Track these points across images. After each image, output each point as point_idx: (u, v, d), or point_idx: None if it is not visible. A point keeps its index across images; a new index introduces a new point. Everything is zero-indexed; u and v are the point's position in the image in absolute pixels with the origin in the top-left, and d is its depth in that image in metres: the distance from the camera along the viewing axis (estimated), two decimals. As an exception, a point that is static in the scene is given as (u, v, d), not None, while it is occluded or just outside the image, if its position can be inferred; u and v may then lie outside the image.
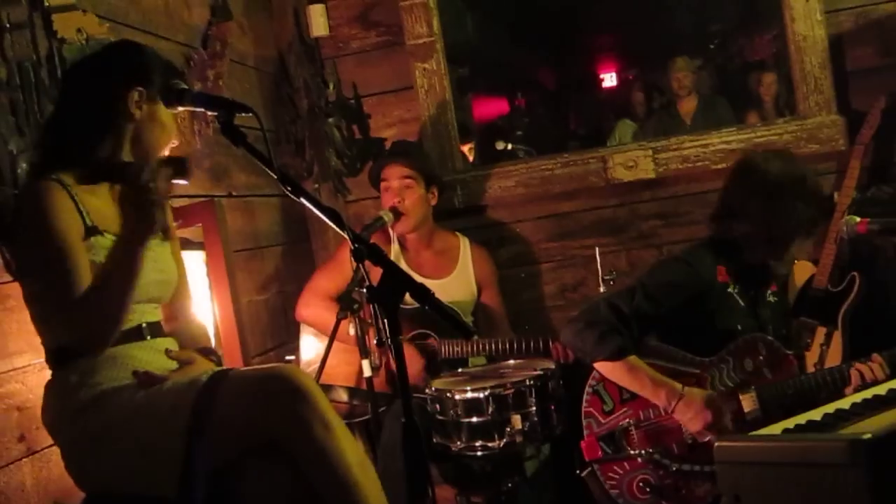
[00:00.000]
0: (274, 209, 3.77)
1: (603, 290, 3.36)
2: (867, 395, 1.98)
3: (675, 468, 2.56)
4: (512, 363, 3.02)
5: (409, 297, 1.81)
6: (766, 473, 1.68)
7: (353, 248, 1.85)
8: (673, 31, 7.74)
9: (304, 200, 1.92)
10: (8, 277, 2.15)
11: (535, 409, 2.66)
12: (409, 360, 3.06)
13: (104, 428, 2.00)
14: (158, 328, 2.22)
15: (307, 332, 3.42)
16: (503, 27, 7.79)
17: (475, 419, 2.66)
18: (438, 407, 2.74)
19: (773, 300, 2.77)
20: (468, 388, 2.70)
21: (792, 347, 2.67)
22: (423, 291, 1.82)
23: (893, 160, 3.54)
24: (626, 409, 2.62)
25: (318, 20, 3.87)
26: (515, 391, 2.66)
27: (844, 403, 1.91)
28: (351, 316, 2.87)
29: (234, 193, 3.40)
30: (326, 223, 1.93)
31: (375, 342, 2.94)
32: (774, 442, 1.74)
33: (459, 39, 5.29)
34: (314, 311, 3.33)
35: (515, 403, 2.66)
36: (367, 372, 2.86)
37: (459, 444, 2.69)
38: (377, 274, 1.82)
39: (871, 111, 3.44)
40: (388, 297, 1.80)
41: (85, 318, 1.98)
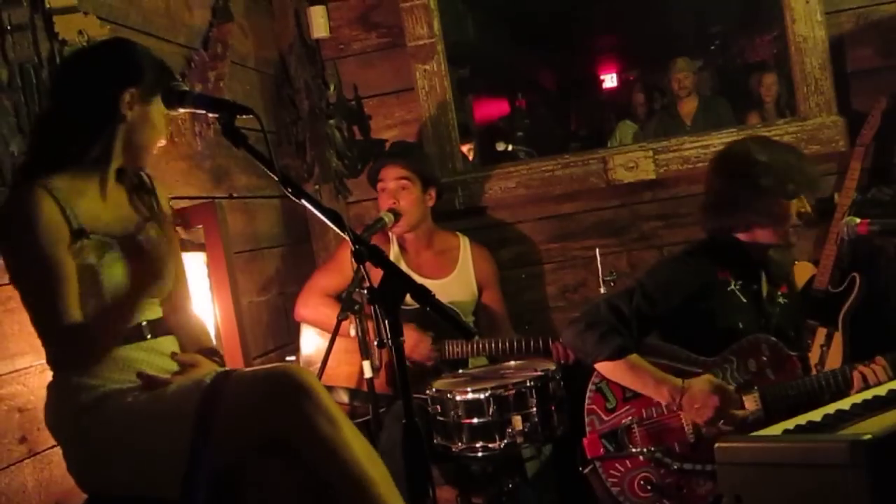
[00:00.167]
0: (275, 210, 3.78)
1: (604, 290, 3.35)
2: (867, 395, 1.98)
3: (676, 467, 2.56)
4: (513, 364, 3.02)
5: (409, 297, 1.81)
6: (766, 474, 1.68)
7: (354, 249, 1.85)
8: (673, 32, 7.75)
9: (304, 202, 1.91)
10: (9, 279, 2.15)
11: (535, 409, 2.66)
12: (415, 343, 3.10)
13: (107, 430, 2.00)
14: (159, 326, 2.20)
15: (307, 327, 3.42)
16: (504, 28, 7.80)
17: (476, 420, 2.67)
18: (439, 408, 2.74)
19: (783, 301, 2.75)
20: (469, 388, 2.70)
21: (797, 349, 2.66)
22: (423, 292, 1.82)
23: (894, 161, 3.54)
24: (628, 406, 2.62)
25: (318, 21, 3.87)
26: (516, 392, 2.66)
27: (844, 404, 1.92)
28: (352, 316, 2.88)
29: (234, 195, 3.40)
30: (327, 224, 1.92)
31: (376, 343, 2.94)
32: (775, 442, 1.75)
33: (460, 41, 5.30)
34: (313, 309, 3.33)
35: (516, 404, 2.66)
36: (367, 373, 2.86)
37: (460, 444, 2.70)
38: (377, 275, 1.82)
39: (871, 112, 3.44)
40: (388, 298, 1.80)
41: (72, 345, 2.00)
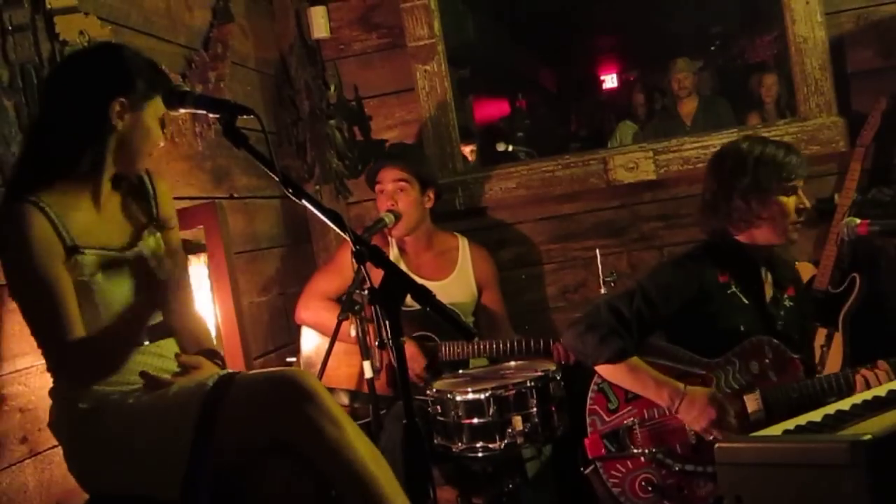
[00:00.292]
0: (275, 211, 3.78)
1: (604, 291, 3.35)
2: (867, 396, 1.98)
3: (678, 468, 2.55)
4: (513, 364, 3.02)
5: (410, 298, 1.82)
6: (766, 474, 1.68)
7: (354, 249, 1.85)
8: (673, 32, 7.75)
9: (305, 202, 1.91)
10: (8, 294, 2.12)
11: (536, 410, 2.66)
12: (410, 358, 3.10)
13: (108, 432, 2.00)
14: (158, 329, 2.19)
15: (307, 328, 3.42)
16: (504, 29, 7.81)
17: (476, 420, 2.66)
18: (439, 408, 2.74)
19: (788, 304, 2.72)
20: (469, 389, 2.70)
21: (801, 352, 2.65)
22: (424, 293, 1.82)
23: (894, 162, 3.55)
24: (630, 407, 2.62)
25: (319, 22, 3.87)
26: (516, 392, 2.66)
27: (845, 405, 1.92)
28: (352, 317, 2.88)
29: (235, 195, 3.41)
30: (328, 225, 1.92)
31: (377, 344, 2.94)
32: (775, 443, 1.75)
33: (460, 41, 5.30)
34: (313, 312, 3.33)
35: (516, 404, 2.66)
36: (368, 373, 2.86)
37: (460, 445, 2.69)
38: (378, 276, 1.82)
39: (871, 113, 3.44)
40: (389, 298, 1.80)
41: (77, 363, 1.99)
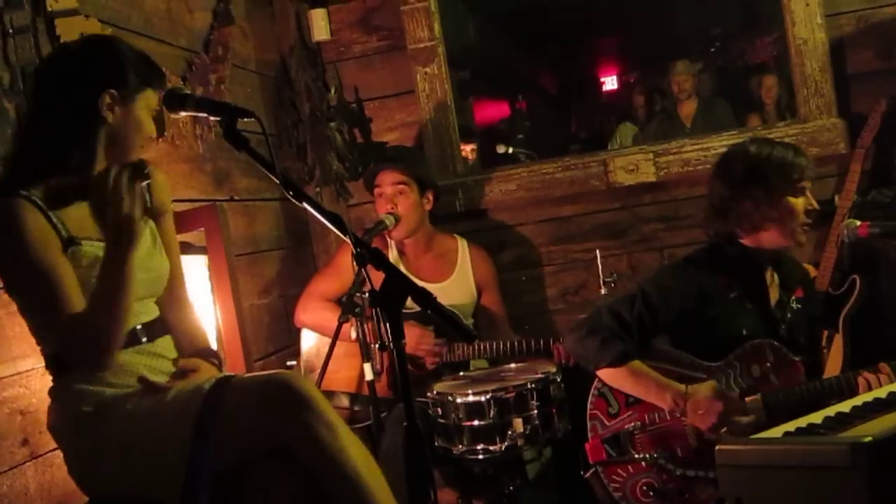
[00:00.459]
0: (275, 213, 3.78)
1: (604, 293, 3.36)
2: (867, 398, 1.98)
3: (679, 472, 2.54)
4: (513, 366, 3.02)
5: (410, 301, 1.82)
6: (767, 476, 1.68)
7: (355, 252, 1.85)
8: (674, 33, 7.75)
9: (306, 204, 1.91)
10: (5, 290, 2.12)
11: (536, 412, 2.66)
12: (417, 335, 3.11)
13: (108, 436, 2.00)
14: (155, 328, 2.17)
15: (308, 330, 3.42)
16: (504, 31, 7.81)
17: (476, 422, 2.66)
18: (440, 410, 2.74)
19: (795, 307, 2.71)
20: (469, 391, 2.70)
21: (806, 354, 2.62)
22: (424, 295, 1.82)
23: (894, 163, 3.55)
24: (631, 412, 2.61)
25: (319, 24, 3.88)
26: (517, 394, 2.66)
27: (845, 406, 1.92)
28: (353, 319, 2.88)
29: (235, 197, 3.41)
30: (328, 227, 1.92)
31: (378, 346, 2.94)
32: (776, 445, 1.75)
33: (461, 43, 5.30)
34: (313, 314, 3.33)
35: (517, 406, 2.66)
36: (368, 375, 2.86)
37: (461, 447, 2.69)
38: (378, 278, 1.82)
39: (871, 115, 3.45)
40: (390, 301, 1.80)
41: (82, 338, 1.95)
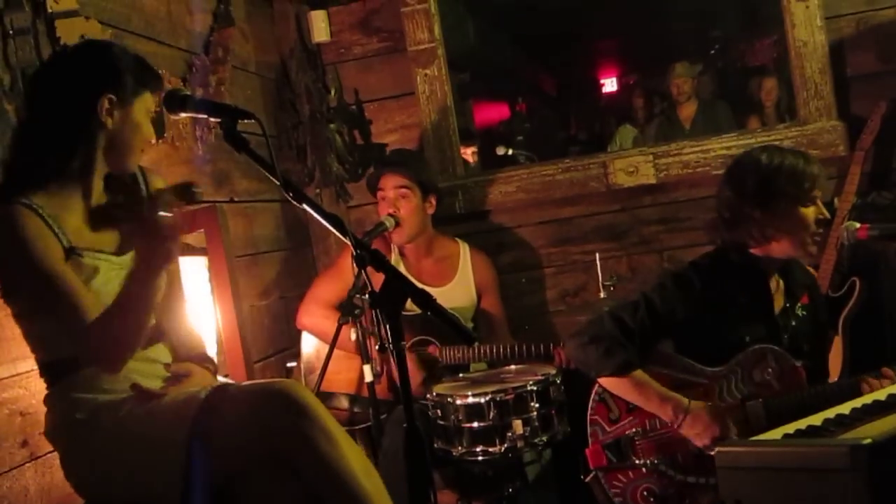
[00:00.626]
0: (275, 215, 3.78)
1: (603, 295, 3.36)
2: (867, 400, 1.99)
3: (679, 478, 2.53)
4: (513, 368, 3.02)
5: (410, 303, 1.82)
6: (766, 478, 1.68)
7: (355, 253, 1.85)
8: (673, 35, 7.76)
9: (306, 206, 1.90)
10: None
11: (536, 413, 2.66)
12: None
13: (104, 443, 2.00)
14: (150, 334, 2.14)
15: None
16: (504, 33, 7.81)
17: (476, 424, 2.67)
18: (440, 412, 2.74)
19: (801, 314, 2.68)
20: (469, 393, 2.70)
21: (809, 359, 2.60)
22: (424, 297, 1.81)
23: (893, 166, 3.55)
24: (632, 417, 2.59)
25: (319, 26, 3.88)
26: (517, 396, 2.66)
27: (845, 409, 1.92)
28: (352, 321, 2.88)
29: (235, 199, 3.41)
30: (328, 229, 1.92)
31: (377, 348, 2.94)
32: (775, 447, 1.75)
33: (461, 45, 5.30)
34: (314, 319, 3.33)
35: (517, 408, 2.66)
36: (368, 377, 2.86)
37: (461, 449, 2.70)
38: (379, 280, 1.82)
39: (871, 117, 3.45)
40: (390, 302, 1.80)
41: (99, 343, 1.94)
